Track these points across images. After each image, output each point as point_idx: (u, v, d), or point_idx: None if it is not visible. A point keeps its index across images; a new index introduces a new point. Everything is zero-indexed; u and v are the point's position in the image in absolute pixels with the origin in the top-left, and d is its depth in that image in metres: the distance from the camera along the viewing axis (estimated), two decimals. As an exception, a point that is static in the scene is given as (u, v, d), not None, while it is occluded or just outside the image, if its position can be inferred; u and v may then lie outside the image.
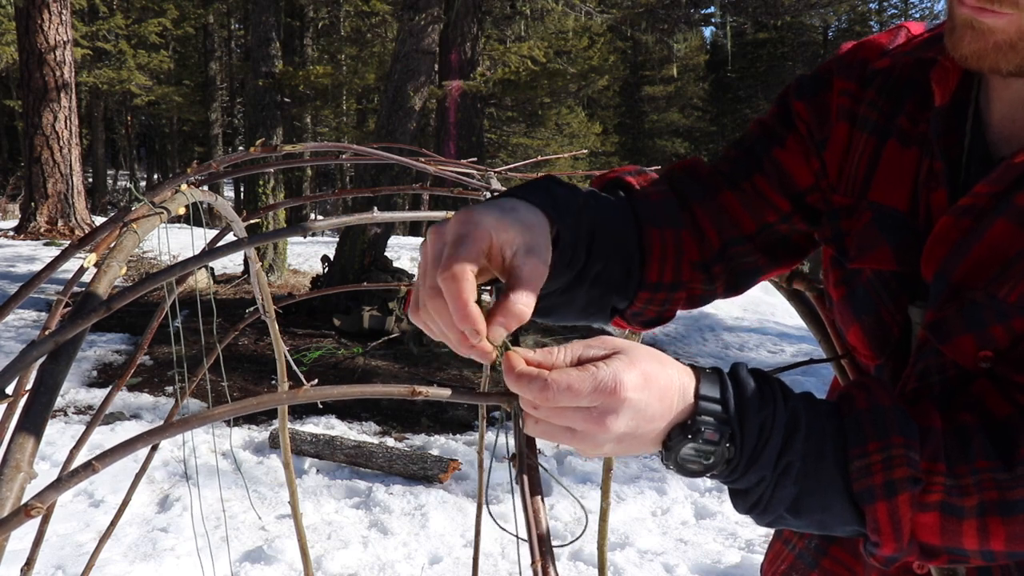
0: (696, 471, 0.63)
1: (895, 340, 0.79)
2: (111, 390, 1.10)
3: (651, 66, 25.78)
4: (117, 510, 1.37)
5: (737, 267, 0.87)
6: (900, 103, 0.79)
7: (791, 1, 9.89)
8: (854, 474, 0.63)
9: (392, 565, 3.07)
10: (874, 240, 0.78)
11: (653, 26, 9.63)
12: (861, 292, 0.81)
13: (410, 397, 0.55)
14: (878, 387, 0.66)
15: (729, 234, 0.85)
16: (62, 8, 9.52)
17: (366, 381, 5.59)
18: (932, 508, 0.62)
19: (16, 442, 0.56)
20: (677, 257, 0.81)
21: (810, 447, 0.63)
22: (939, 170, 0.74)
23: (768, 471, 0.63)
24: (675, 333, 7.31)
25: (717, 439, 0.62)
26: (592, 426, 0.60)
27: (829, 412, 0.65)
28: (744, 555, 3.19)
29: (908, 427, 0.63)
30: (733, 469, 0.63)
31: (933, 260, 0.73)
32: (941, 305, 0.72)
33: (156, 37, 15.83)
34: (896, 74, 0.80)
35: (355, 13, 13.64)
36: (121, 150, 25.45)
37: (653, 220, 0.81)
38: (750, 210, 0.85)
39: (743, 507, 0.66)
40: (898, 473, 0.61)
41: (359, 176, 7.64)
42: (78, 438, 1.09)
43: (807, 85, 0.85)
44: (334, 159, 1.26)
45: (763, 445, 0.63)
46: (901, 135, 0.78)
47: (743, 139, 0.89)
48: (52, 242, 9.19)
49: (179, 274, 0.74)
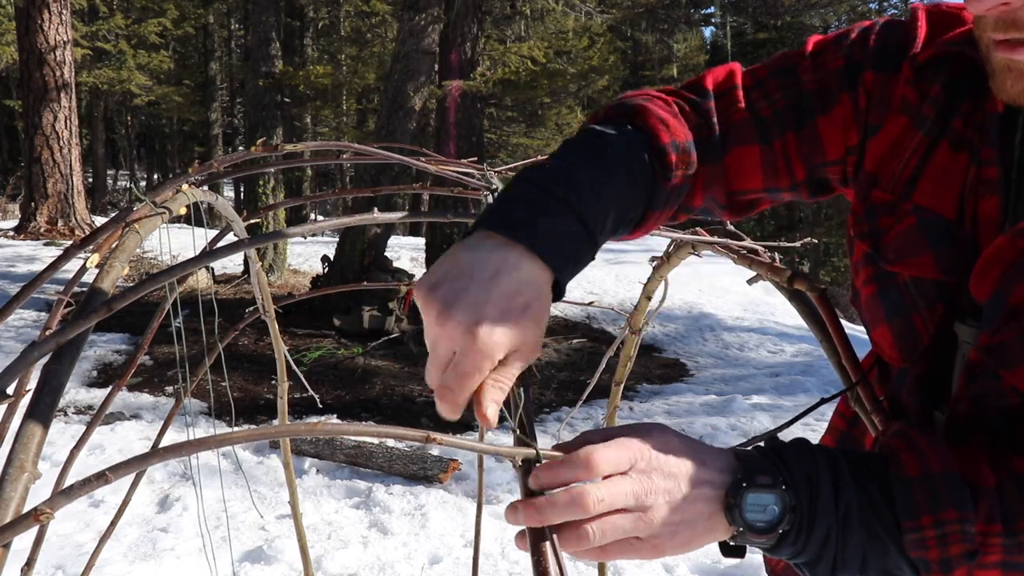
0: (763, 529, 0.61)
1: (923, 347, 0.77)
2: (111, 390, 1.10)
3: (651, 66, 25.77)
4: (117, 510, 1.36)
5: (703, 212, 0.87)
6: (957, 103, 0.74)
7: (791, 1, 9.89)
8: (908, 545, 0.62)
9: (392, 565, 3.07)
10: (917, 246, 0.75)
11: (653, 26, 9.63)
12: (895, 294, 0.78)
13: (424, 443, 0.55)
14: (927, 446, 0.64)
15: (714, 193, 0.84)
16: (62, 8, 9.52)
17: (366, 381, 5.59)
18: (992, 567, 0.62)
19: (20, 442, 0.56)
20: (658, 221, 0.82)
21: (861, 491, 0.63)
22: (993, 178, 0.70)
23: (831, 517, 0.61)
24: (675, 333, 7.31)
25: (771, 482, 0.61)
26: (639, 493, 0.60)
27: (873, 467, 0.64)
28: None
29: (961, 497, 0.61)
30: (800, 523, 0.61)
31: (988, 280, 0.69)
32: (998, 328, 0.68)
33: (156, 37, 15.81)
34: (957, 67, 0.75)
35: (355, 13, 13.63)
36: (121, 150, 25.44)
37: (663, 204, 0.80)
38: (766, 170, 0.83)
39: (825, 571, 0.63)
40: (954, 550, 0.61)
41: (359, 176, 7.64)
42: (78, 438, 1.09)
43: (885, 57, 0.78)
44: (335, 159, 1.26)
45: (816, 489, 0.62)
46: (953, 138, 0.74)
47: (791, 82, 0.82)
48: (52, 242, 9.18)
49: (180, 275, 0.74)
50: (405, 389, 5.47)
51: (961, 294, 0.73)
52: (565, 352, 6.56)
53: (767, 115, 0.82)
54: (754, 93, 0.83)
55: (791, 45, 23.90)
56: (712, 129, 0.82)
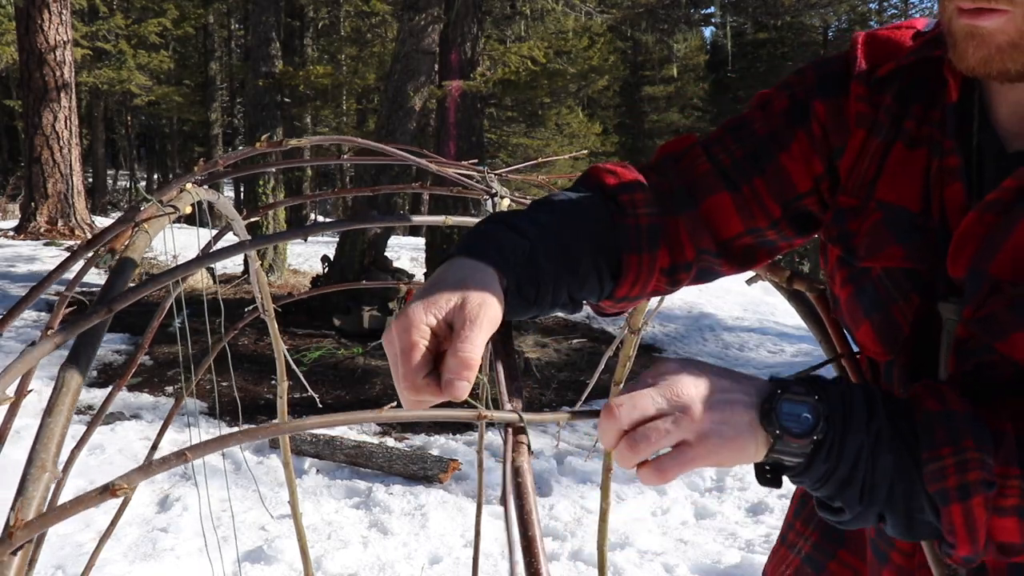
0: (798, 432, 0.63)
1: (904, 337, 0.79)
2: (111, 390, 1.10)
3: (651, 66, 25.75)
4: (117, 510, 1.36)
5: (701, 270, 0.88)
6: (907, 107, 0.79)
7: (791, 1, 9.89)
8: (927, 476, 0.63)
9: (392, 565, 3.07)
10: (884, 238, 0.79)
11: (653, 26, 9.63)
12: (870, 289, 0.81)
13: (477, 420, 0.57)
14: (950, 392, 0.66)
15: (704, 244, 0.85)
16: (62, 8, 9.52)
17: (366, 381, 5.59)
18: (1009, 512, 0.63)
19: (41, 442, 0.57)
20: (649, 274, 0.82)
21: (891, 422, 0.65)
22: (955, 165, 0.74)
23: (863, 434, 0.63)
24: (675, 333, 7.31)
25: (805, 391, 0.64)
26: (669, 397, 0.62)
27: (902, 407, 0.66)
28: (744, 555, 3.19)
29: (981, 433, 0.63)
30: (834, 434, 0.63)
31: (963, 256, 0.72)
32: (982, 301, 0.71)
33: (156, 37, 15.80)
34: (906, 77, 0.80)
35: (355, 13, 13.63)
36: (121, 150, 25.44)
37: (636, 247, 0.81)
38: (742, 213, 0.85)
39: (853, 499, 0.64)
40: (972, 476, 0.62)
41: (359, 176, 7.64)
42: (79, 438, 1.09)
43: (828, 84, 0.84)
44: (336, 158, 1.26)
45: (849, 407, 0.64)
46: (907, 138, 0.79)
47: (746, 133, 0.87)
48: (52, 242, 9.18)
49: (183, 275, 0.75)
50: (405, 389, 5.46)
51: (935, 280, 0.76)
52: (565, 352, 6.56)
53: (728, 165, 0.86)
54: (714, 148, 0.88)
55: (791, 45, 23.74)
56: (672, 183, 0.86)
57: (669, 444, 0.63)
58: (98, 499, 0.49)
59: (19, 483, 0.56)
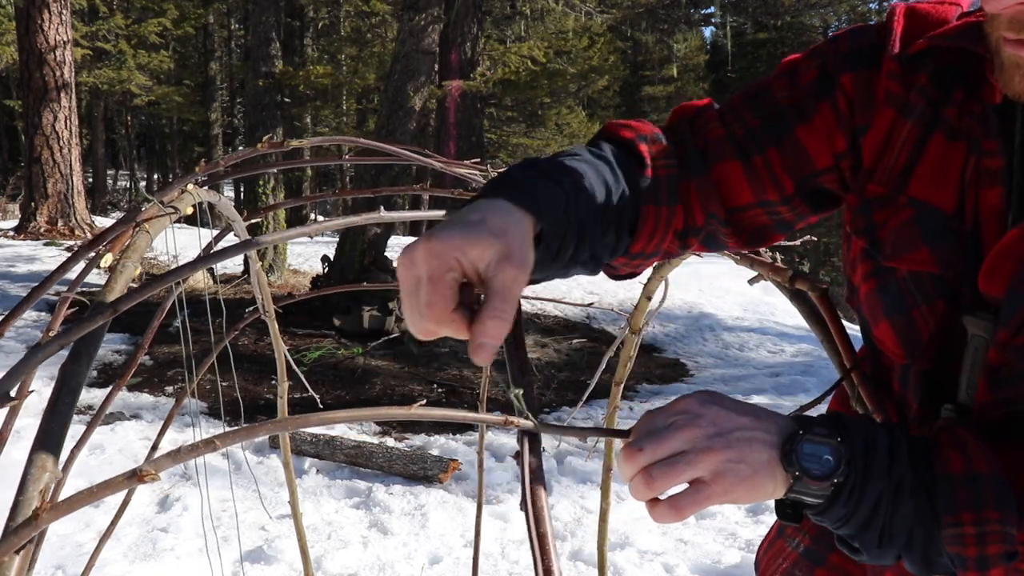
0: (819, 475, 0.62)
1: (923, 343, 0.76)
2: (111, 390, 1.10)
3: (651, 66, 25.77)
4: (117, 510, 1.36)
5: (708, 235, 0.86)
6: (949, 93, 0.74)
7: (791, 1, 9.90)
8: (946, 538, 0.62)
9: (392, 565, 3.07)
10: (913, 241, 0.75)
11: (653, 26, 9.64)
12: (894, 290, 0.77)
13: (503, 426, 0.58)
14: (974, 444, 0.64)
15: (713, 209, 0.83)
16: (62, 8, 9.52)
17: (366, 381, 5.59)
18: None
19: (41, 442, 0.57)
20: (665, 230, 0.81)
21: (914, 470, 0.63)
22: (997, 168, 0.70)
23: (884, 481, 0.62)
24: (675, 333, 7.31)
25: (827, 433, 0.63)
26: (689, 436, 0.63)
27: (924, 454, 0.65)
28: (744, 555, 3.19)
29: (1005, 499, 0.62)
30: (855, 479, 0.62)
31: (1000, 275, 0.68)
32: (1020, 326, 0.67)
33: (156, 37, 15.80)
34: (942, 59, 0.74)
35: (355, 13, 13.64)
36: (121, 150, 25.44)
37: (654, 198, 0.79)
38: (753, 184, 0.83)
39: (872, 541, 0.64)
40: (992, 550, 0.61)
41: (359, 176, 7.64)
42: (79, 438, 1.09)
43: (861, 56, 0.78)
44: (336, 159, 1.26)
45: (872, 452, 0.63)
46: (948, 129, 0.73)
47: (766, 101, 0.83)
48: (52, 242, 9.18)
49: (184, 275, 0.75)
50: (405, 389, 5.47)
51: (962, 287, 0.72)
52: (565, 352, 6.56)
53: (741, 135, 0.82)
54: (728, 117, 0.84)
55: (791, 45, 23.76)
56: (686, 145, 0.83)
57: (686, 481, 0.63)
58: (125, 484, 0.50)
59: (19, 483, 0.56)
